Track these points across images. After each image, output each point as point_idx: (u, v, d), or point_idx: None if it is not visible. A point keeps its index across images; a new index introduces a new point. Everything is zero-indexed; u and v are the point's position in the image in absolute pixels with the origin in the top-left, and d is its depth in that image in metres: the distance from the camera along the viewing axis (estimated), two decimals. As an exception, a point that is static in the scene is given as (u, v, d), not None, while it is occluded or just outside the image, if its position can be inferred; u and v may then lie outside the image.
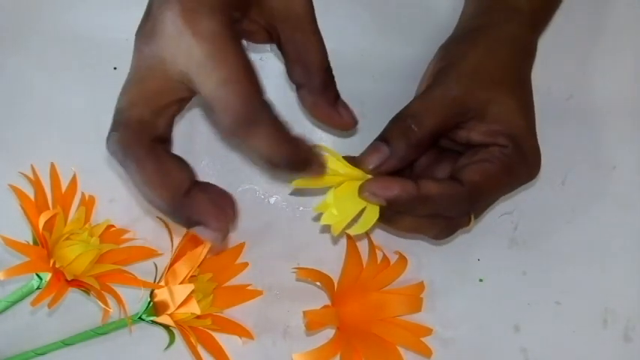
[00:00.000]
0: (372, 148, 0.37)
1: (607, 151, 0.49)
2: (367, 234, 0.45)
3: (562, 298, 0.47)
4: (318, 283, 0.45)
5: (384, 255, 0.46)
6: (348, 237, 0.45)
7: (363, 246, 0.45)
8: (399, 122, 0.37)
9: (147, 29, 0.31)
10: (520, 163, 0.38)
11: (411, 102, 0.38)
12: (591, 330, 0.47)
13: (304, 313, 0.42)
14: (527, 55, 0.41)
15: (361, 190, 0.36)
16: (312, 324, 0.43)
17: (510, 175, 0.38)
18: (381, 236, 0.46)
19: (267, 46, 0.46)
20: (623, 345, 0.47)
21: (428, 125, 0.37)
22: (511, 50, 0.40)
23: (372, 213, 0.37)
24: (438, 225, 0.39)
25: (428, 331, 0.45)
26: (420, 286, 0.46)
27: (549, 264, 0.47)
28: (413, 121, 0.37)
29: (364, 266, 0.45)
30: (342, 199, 0.36)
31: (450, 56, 0.40)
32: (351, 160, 0.37)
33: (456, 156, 0.40)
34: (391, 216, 0.38)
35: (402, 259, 0.46)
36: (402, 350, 0.44)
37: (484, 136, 0.38)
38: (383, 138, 0.37)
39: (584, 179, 0.48)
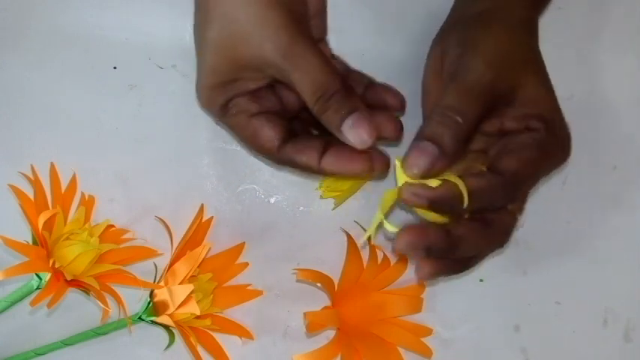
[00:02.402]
0: (417, 149, 0.33)
1: (607, 151, 0.49)
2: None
3: (562, 298, 0.47)
4: (318, 284, 0.45)
5: (385, 255, 0.46)
6: (349, 237, 0.45)
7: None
8: (441, 117, 0.34)
9: None
10: (554, 144, 0.37)
11: (444, 93, 0.35)
12: (591, 330, 0.47)
13: (305, 314, 0.42)
14: (536, 35, 0.40)
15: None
16: (313, 326, 0.43)
17: (547, 158, 0.37)
18: (381, 236, 0.46)
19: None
20: (623, 345, 0.47)
21: (472, 115, 0.34)
22: (525, 32, 0.39)
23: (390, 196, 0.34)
24: (487, 238, 0.36)
25: (428, 331, 0.45)
26: (421, 286, 0.46)
27: (549, 264, 0.47)
28: (456, 113, 0.34)
29: (364, 267, 0.45)
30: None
31: (467, 42, 0.38)
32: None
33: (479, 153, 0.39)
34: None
35: (403, 260, 0.46)
36: (402, 350, 0.44)
37: (516, 121, 0.37)
38: (426, 136, 0.33)
39: (584, 179, 0.48)
